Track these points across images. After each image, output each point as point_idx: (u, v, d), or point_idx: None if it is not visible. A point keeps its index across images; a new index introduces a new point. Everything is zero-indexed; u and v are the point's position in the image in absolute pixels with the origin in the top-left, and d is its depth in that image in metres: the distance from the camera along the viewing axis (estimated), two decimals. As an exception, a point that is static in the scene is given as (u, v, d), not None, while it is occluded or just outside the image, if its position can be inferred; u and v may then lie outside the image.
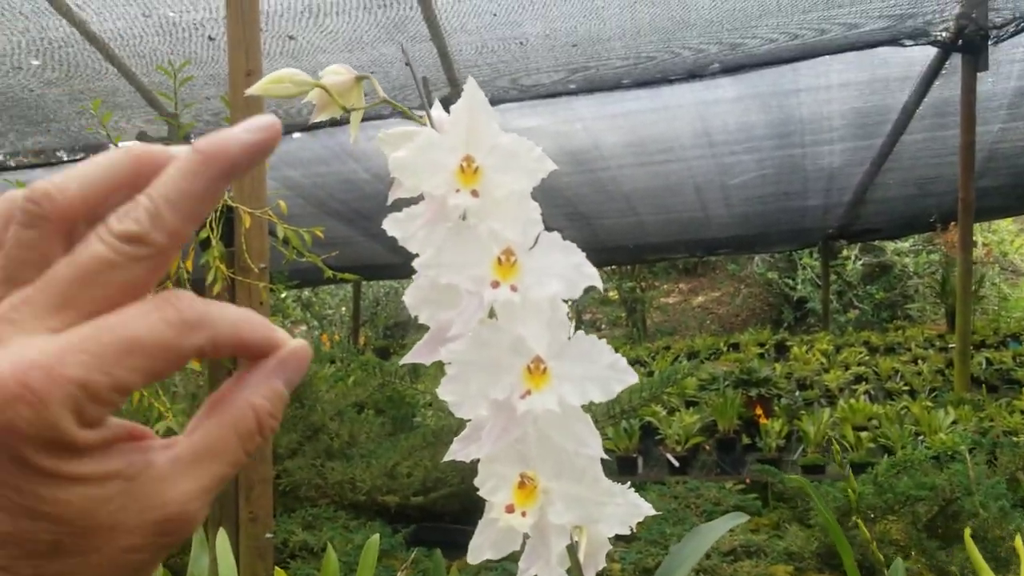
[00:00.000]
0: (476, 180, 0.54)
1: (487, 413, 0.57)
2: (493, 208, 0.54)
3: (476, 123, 0.53)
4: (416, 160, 0.53)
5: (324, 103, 0.59)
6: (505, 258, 0.54)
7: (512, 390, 0.54)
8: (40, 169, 6.06)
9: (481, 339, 0.54)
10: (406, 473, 3.38)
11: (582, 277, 0.54)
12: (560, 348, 0.55)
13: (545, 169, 0.53)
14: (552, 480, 0.56)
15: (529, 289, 0.54)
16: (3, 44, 4.56)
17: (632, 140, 6.32)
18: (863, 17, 4.76)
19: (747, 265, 12.99)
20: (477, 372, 0.54)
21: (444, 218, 0.55)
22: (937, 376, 6.74)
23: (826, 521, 1.29)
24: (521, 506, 0.55)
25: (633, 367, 0.55)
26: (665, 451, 5.10)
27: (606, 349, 0.55)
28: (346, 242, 7.88)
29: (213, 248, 2.65)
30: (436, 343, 0.58)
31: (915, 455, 3.16)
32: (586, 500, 0.57)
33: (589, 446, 0.56)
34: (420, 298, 0.58)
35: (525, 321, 0.55)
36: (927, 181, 7.37)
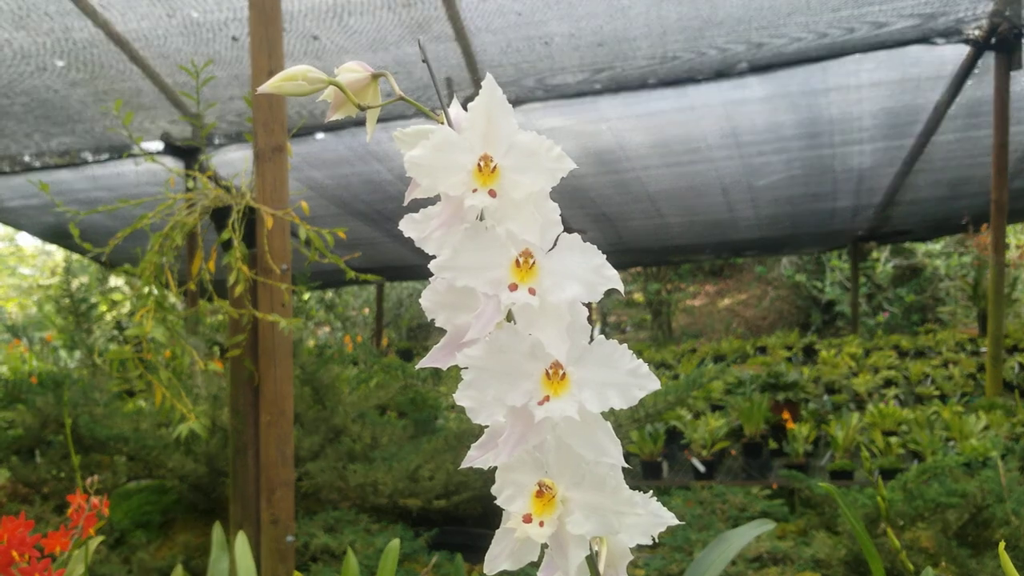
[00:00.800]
0: (494, 180, 0.51)
1: (504, 419, 0.55)
2: (511, 209, 0.52)
3: (494, 122, 0.51)
4: (432, 159, 0.51)
5: (339, 101, 0.57)
6: (523, 260, 0.52)
7: (530, 396, 0.52)
8: (65, 170, 6.12)
9: (498, 344, 0.52)
10: (428, 476, 3.37)
11: (602, 280, 0.52)
12: (580, 353, 0.53)
13: (564, 168, 0.51)
14: (571, 489, 0.54)
15: (548, 292, 0.52)
16: (28, 45, 4.61)
17: (658, 140, 6.28)
18: (894, 15, 4.69)
19: (774, 267, 12.87)
20: (494, 378, 0.52)
21: (461, 219, 0.53)
22: (968, 381, 6.64)
23: (854, 529, 1.25)
24: (539, 516, 0.53)
25: (658, 370, 0.53)
26: (690, 456, 5.06)
27: (627, 354, 0.52)
28: (369, 243, 7.91)
29: (235, 249, 2.65)
30: (453, 347, 0.56)
31: (945, 461, 3.10)
32: (606, 510, 0.54)
33: (609, 454, 0.53)
34: (436, 301, 0.57)
35: (544, 325, 0.52)
36: (959, 182, 7.27)
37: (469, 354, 0.53)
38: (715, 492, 3.70)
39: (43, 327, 9.88)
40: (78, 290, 6.26)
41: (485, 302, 0.53)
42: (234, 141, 5.73)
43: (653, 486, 4.61)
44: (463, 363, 0.53)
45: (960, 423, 4.83)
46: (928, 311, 11.09)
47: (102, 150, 6.04)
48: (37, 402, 3.79)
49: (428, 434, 3.88)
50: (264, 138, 2.84)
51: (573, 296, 0.52)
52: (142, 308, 2.87)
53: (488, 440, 0.58)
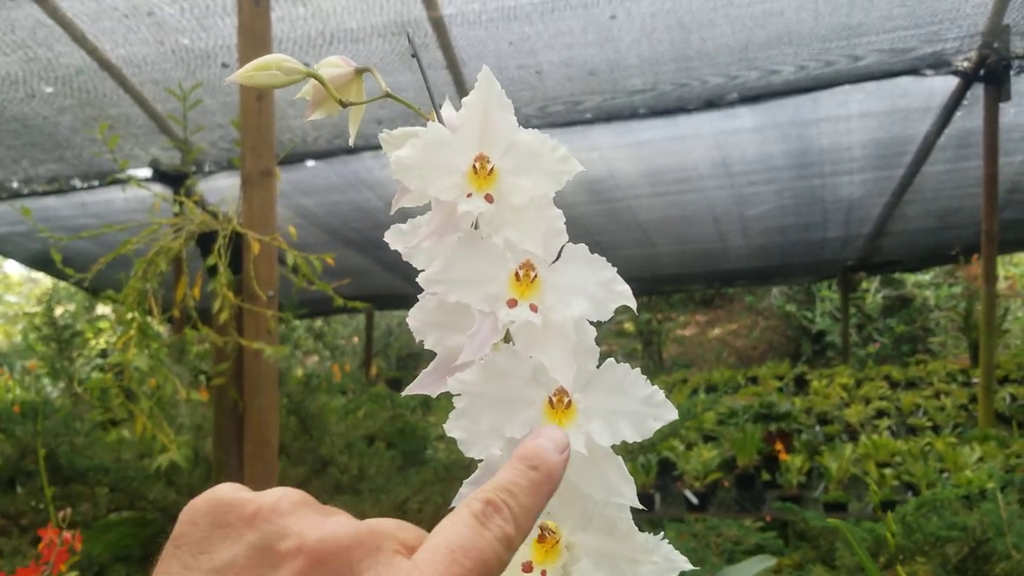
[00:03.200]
0: (491, 183, 0.46)
1: (501, 453, 0.49)
2: (510, 216, 0.46)
3: (491, 118, 0.46)
4: (422, 160, 0.46)
5: (320, 98, 0.52)
6: (524, 273, 0.46)
7: (531, 427, 0.46)
8: (53, 197, 6.05)
9: (495, 367, 0.46)
10: (417, 509, 3.28)
11: (613, 296, 0.46)
12: (587, 379, 0.47)
13: (570, 171, 0.45)
14: (577, 533, 0.48)
15: (551, 309, 0.46)
16: (16, 70, 4.57)
17: (649, 169, 6.27)
18: (883, 46, 4.71)
19: (765, 297, 12.85)
20: (490, 406, 0.46)
21: (453, 227, 0.47)
22: (960, 411, 6.59)
23: (865, 565, 1.20)
24: (540, 563, 0.47)
25: None
26: (683, 487, 4.98)
27: (641, 380, 0.47)
28: (359, 271, 7.85)
29: (221, 275, 2.59)
30: (444, 372, 0.50)
31: (944, 494, 3.04)
32: (618, 557, 0.48)
33: (622, 494, 0.47)
34: (426, 320, 0.51)
35: (546, 346, 0.47)
36: (948, 213, 7.28)
37: (462, 379, 0.47)
38: (709, 525, 3.63)
39: (27, 356, 9.76)
40: (62, 316, 6.18)
41: (480, 320, 0.47)
42: (223, 169, 5.68)
43: (646, 518, 4.53)
44: (455, 389, 0.47)
45: (954, 454, 4.78)
46: (918, 342, 11.07)
47: (90, 177, 5.98)
48: (16, 431, 3.69)
49: (417, 465, 3.80)
50: (252, 162, 2.79)
51: (580, 313, 0.47)
52: (125, 335, 2.80)
53: (483, 476, 0.51)
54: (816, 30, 4.58)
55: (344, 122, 3.26)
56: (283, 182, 3.22)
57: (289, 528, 0.37)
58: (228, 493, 0.40)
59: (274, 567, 0.36)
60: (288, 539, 0.36)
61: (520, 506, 0.40)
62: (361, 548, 0.37)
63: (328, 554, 0.36)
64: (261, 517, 0.38)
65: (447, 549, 0.37)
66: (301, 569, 0.36)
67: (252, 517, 0.38)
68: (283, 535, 0.37)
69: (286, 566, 0.36)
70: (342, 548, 0.36)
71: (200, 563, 0.37)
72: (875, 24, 4.53)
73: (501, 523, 0.39)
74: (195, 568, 0.36)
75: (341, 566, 0.36)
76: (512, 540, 0.39)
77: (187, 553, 0.37)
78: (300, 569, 0.36)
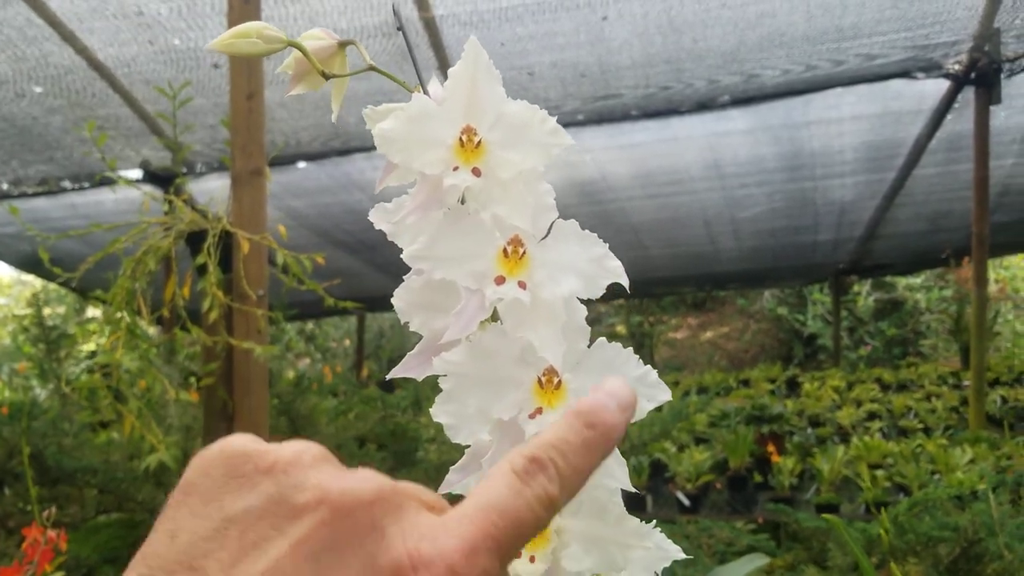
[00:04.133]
0: (478, 156, 0.44)
1: (488, 438, 0.48)
2: (498, 190, 0.45)
3: (479, 89, 0.44)
4: (406, 132, 0.44)
5: (302, 72, 0.50)
6: (512, 249, 0.45)
7: (519, 408, 0.44)
8: (43, 198, 6.02)
9: (482, 347, 0.45)
10: (408, 509, 3.26)
11: (604, 272, 0.45)
12: (578, 358, 0.45)
13: (560, 144, 0.44)
14: (567, 518, 0.46)
15: (540, 286, 0.44)
16: (5, 70, 4.53)
17: (640, 171, 6.26)
18: (875, 49, 4.71)
19: (756, 300, 12.87)
20: (477, 387, 0.45)
21: (439, 202, 0.45)
22: (952, 414, 6.60)
23: (860, 562, 1.19)
24: (530, 550, 0.45)
25: None
26: (675, 489, 4.97)
27: (633, 359, 0.45)
28: (351, 273, 7.82)
29: (210, 274, 2.57)
30: (430, 354, 0.48)
31: (936, 494, 3.03)
32: (609, 542, 0.46)
33: (613, 475, 0.46)
34: (411, 301, 0.49)
35: (535, 325, 0.45)
36: (939, 216, 7.29)
37: (448, 359, 0.45)
38: (701, 526, 3.62)
39: (17, 358, 9.70)
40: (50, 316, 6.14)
41: (467, 297, 0.45)
42: (214, 170, 5.66)
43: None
44: (440, 369, 0.46)
45: (946, 456, 4.78)
46: (909, 344, 11.10)
47: (81, 178, 5.94)
48: (3, 432, 3.66)
49: (408, 466, 3.78)
50: (242, 161, 2.77)
51: (570, 291, 0.45)
52: (113, 335, 2.78)
53: (470, 462, 0.50)
54: (808, 32, 4.58)
55: (336, 124, 3.25)
56: (274, 183, 3.21)
57: (309, 480, 0.35)
58: (244, 442, 0.38)
59: (292, 518, 0.34)
60: (308, 491, 0.35)
61: (569, 466, 0.38)
62: (385, 503, 0.35)
63: (350, 508, 0.34)
64: (280, 468, 0.36)
65: (480, 508, 0.35)
66: (323, 520, 0.34)
67: (271, 468, 0.36)
68: (303, 487, 0.35)
69: (306, 518, 0.34)
70: (365, 503, 0.35)
71: (210, 511, 0.35)
72: (867, 27, 4.54)
73: (545, 482, 0.37)
74: (205, 516, 0.34)
75: (364, 521, 0.34)
76: (555, 502, 0.37)
77: (198, 501, 0.35)
78: (322, 520, 0.34)
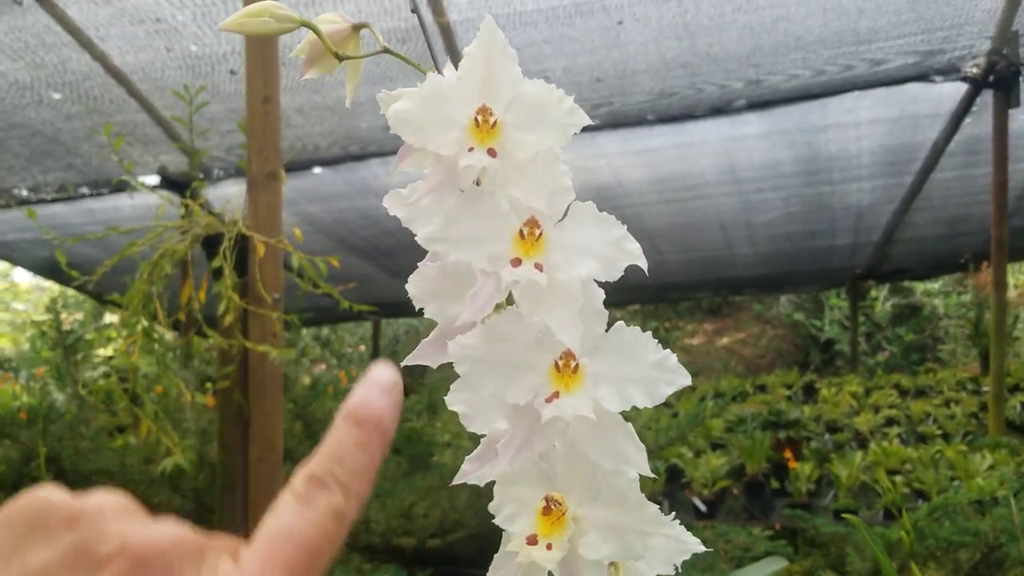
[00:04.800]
0: (494, 137, 0.43)
1: (504, 427, 0.47)
2: (514, 171, 0.44)
3: (494, 69, 0.43)
4: (421, 112, 0.43)
5: (316, 55, 0.50)
6: (528, 231, 0.44)
7: (536, 392, 0.43)
8: (61, 204, 6.06)
9: (498, 330, 0.44)
10: (423, 514, 3.26)
11: (622, 255, 0.44)
12: (595, 342, 0.44)
13: (577, 124, 0.43)
14: (585, 505, 0.45)
15: (557, 269, 0.43)
16: (25, 77, 4.57)
17: (656, 176, 6.24)
18: (892, 53, 4.68)
19: (773, 306, 12.81)
20: (493, 371, 0.43)
21: (454, 184, 0.44)
22: (971, 420, 6.54)
23: (881, 563, 1.17)
24: (546, 537, 0.44)
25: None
26: (691, 494, 4.94)
27: (652, 343, 0.44)
28: (367, 278, 7.84)
29: (226, 278, 2.58)
30: (445, 341, 0.48)
31: (957, 498, 3.00)
32: (628, 530, 0.44)
33: (632, 461, 0.44)
34: (426, 288, 0.48)
35: (552, 308, 0.44)
36: (958, 220, 7.23)
37: (463, 343, 0.44)
38: (718, 532, 3.60)
39: (35, 363, 9.77)
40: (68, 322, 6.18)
41: (482, 280, 0.44)
42: (231, 175, 5.68)
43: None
44: (455, 354, 0.45)
45: (965, 462, 4.74)
46: (928, 350, 11.01)
47: (99, 184, 5.99)
48: (22, 436, 3.68)
49: (423, 470, 3.78)
50: (258, 164, 2.78)
51: (587, 273, 0.44)
52: (130, 339, 2.79)
53: (485, 451, 0.49)
54: (824, 36, 4.55)
55: (350, 128, 3.25)
56: (290, 189, 3.21)
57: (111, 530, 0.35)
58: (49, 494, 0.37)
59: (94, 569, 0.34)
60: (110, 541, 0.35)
61: (349, 471, 0.38)
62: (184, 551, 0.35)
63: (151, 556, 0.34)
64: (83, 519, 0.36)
65: (268, 539, 0.35)
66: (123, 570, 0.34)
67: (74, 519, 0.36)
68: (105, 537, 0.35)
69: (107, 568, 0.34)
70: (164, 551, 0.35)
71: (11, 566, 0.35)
72: (884, 30, 4.51)
73: (327, 497, 0.37)
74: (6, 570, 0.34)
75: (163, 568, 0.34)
76: (343, 512, 0.37)
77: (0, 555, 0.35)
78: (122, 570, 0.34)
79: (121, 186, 5.63)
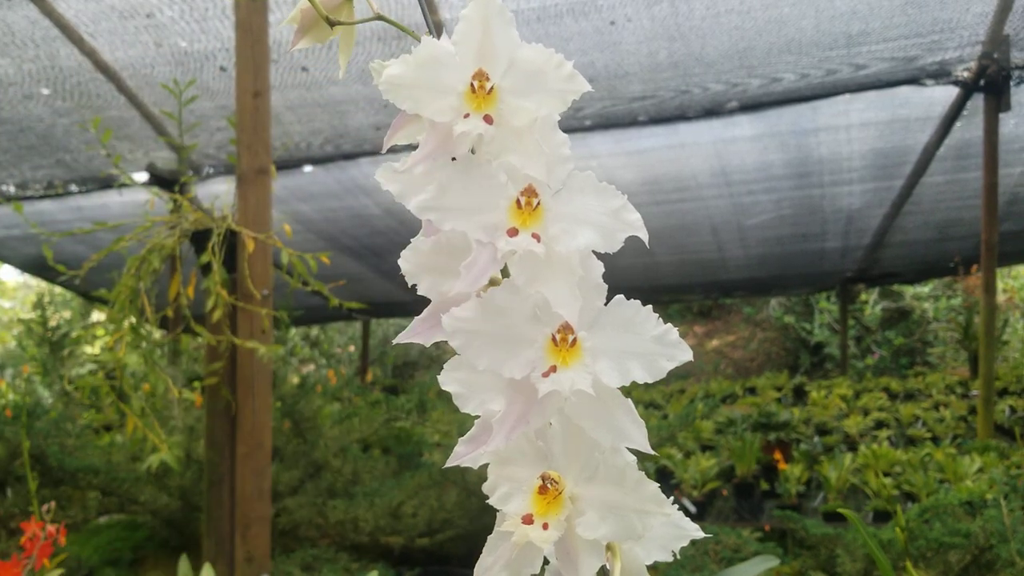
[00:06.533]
0: (490, 103, 0.42)
1: (498, 408, 0.45)
2: (511, 139, 0.42)
3: (491, 33, 0.42)
4: (414, 77, 0.42)
5: (309, 23, 0.48)
6: (526, 201, 0.42)
7: (533, 367, 0.42)
8: (48, 200, 6.02)
9: (494, 303, 0.42)
10: (411, 513, 3.24)
11: (622, 225, 0.42)
12: (594, 316, 0.43)
13: (576, 90, 0.42)
14: (582, 484, 0.43)
15: (555, 239, 0.42)
16: (13, 72, 4.53)
17: (648, 178, 6.24)
18: (884, 56, 4.69)
19: (763, 309, 12.83)
20: (488, 345, 0.42)
21: (449, 151, 0.43)
22: (960, 423, 6.56)
23: (877, 559, 1.16)
24: (542, 516, 0.42)
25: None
26: (681, 496, 4.93)
27: (652, 317, 0.43)
28: (356, 278, 7.81)
29: (214, 273, 2.55)
30: (438, 318, 0.46)
31: (947, 500, 3.00)
32: (627, 509, 0.43)
33: (631, 438, 0.43)
34: (419, 263, 0.46)
35: (550, 280, 0.42)
36: (948, 224, 7.25)
37: (457, 315, 0.42)
38: (707, 532, 3.59)
39: (21, 361, 9.71)
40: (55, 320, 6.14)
41: (478, 250, 0.43)
42: (221, 173, 5.65)
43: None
44: (449, 327, 0.43)
45: (954, 465, 4.74)
46: (917, 354, 11.04)
47: (87, 181, 5.94)
48: (6, 433, 3.65)
49: (412, 470, 3.76)
50: (248, 160, 2.76)
51: (586, 244, 0.43)
52: (116, 334, 2.76)
53: (479, 433, 0.47)
54: (817, 38, 4.56)
55: (340, 127, 3.22)
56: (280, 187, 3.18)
57: None
58: None
59: None
60: None
61: None
62: None
63: None
64: None
65: None
66: None
67: None
68: None
69: None
70: None
71: None
72: (876, 33, 4.51)
73: None
74: None
75: None
76: None
77: None
78: None
79: (109, 182, 5.60)
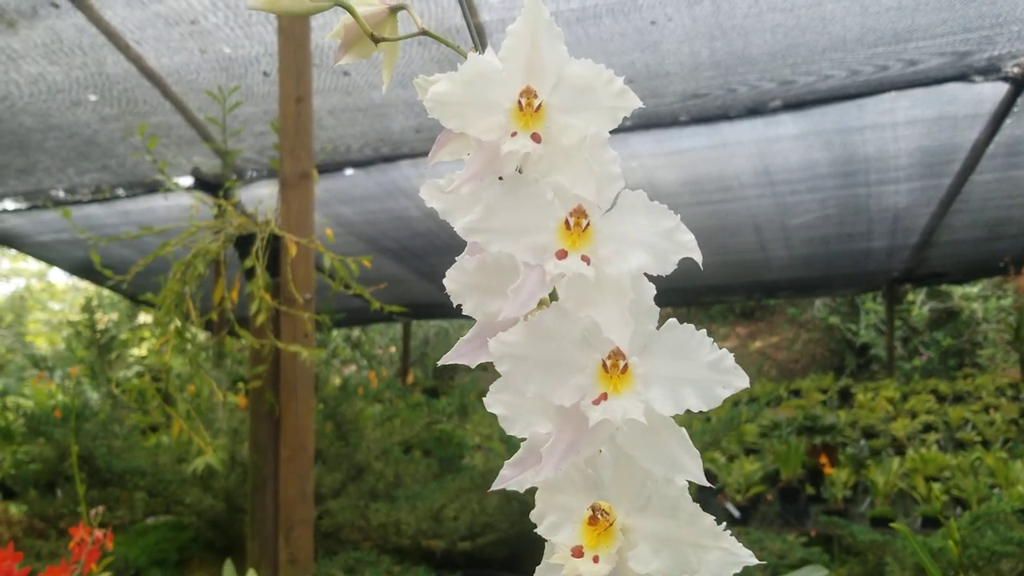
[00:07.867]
0: (538, 121, 0.40)
1: (545, 432, 0.44)
2: (559, 158, 0.41)
3: (539, 49, 0.40)
4: (461, 95, 0.40)
5: (352, 38, 0.47)
6: (575, 221, 0.40)
7: (583, 394, 0.40)
8: (96, 205, 6.13)
9: (542, 327, 0.41)
10: (453, 516, 3.24)
11: (675, 247, 0.41)
12: (646, 340, 0.41)
13: (628, 107, 0.41)
14: (634, 515, 0.41)
15: (606, 262, 0.40)
16: (62, 79, 4.62)
17: (689, 178, 6.18)
18: (931, 52, 4.59)
19: (807, 309, 12.65)
20: (536, 371, 0.40)
21: (496, 171, 0.41)
22: (1011, 426, 6.41)
23: (929, 572, 1.13)
24: (592, 548, 0.40)
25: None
26: (724, 500, 4.88)
27: (707, 342, 0.41)
28: (397, 280, 7.85)
29: (258, 277, 2.58)
30: (484, 339, 0.45)
31: (1000, 507, 2.93)
32: (681, 542, 0.41)
33: (686, 469, 0.41)
34: (465, 283, 0.45)
35: (600, 304, 0.40)
36: (998, 223, 7.09)
37: (504, 340, 0.41)
38: (752, 538, 3.54)
39: (70, 363, 9.91)
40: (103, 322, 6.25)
41: (525, 273, 0.41)
42: (264, 177, 5.71)
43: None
44: (496, 352, 0.42)
45: (1006, 469, 4.63)
46: (965, 355, 10.81)
47: (133, 185, 6.05)
48: (56, 434, 3.72)
49: (453, 473, 3.76)
50: (290, 164, 2.78)
51: (638, 266, 0.41)
52: (162, 338, 2.80)
53: (526, 456, 0.46)
54: (862, 36, 4.47)
55: (382, 130, 3.24)
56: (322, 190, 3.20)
57: None
58: None
59: None
60: None
61: None
62: None
63: None
64: None
65: None
66: None
67: None
68: None
69: None
70: None
71: None
72: (923, 29, 4.42)
73: None
74: None
75: None
76: None
77: None
78: None
79: (155, 187, 5.69)
